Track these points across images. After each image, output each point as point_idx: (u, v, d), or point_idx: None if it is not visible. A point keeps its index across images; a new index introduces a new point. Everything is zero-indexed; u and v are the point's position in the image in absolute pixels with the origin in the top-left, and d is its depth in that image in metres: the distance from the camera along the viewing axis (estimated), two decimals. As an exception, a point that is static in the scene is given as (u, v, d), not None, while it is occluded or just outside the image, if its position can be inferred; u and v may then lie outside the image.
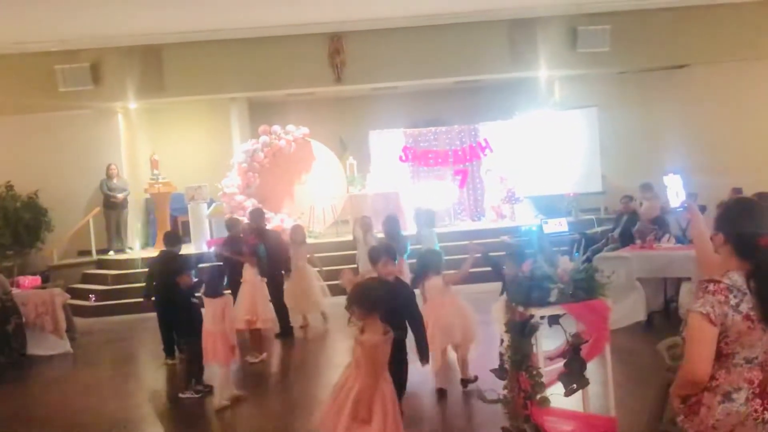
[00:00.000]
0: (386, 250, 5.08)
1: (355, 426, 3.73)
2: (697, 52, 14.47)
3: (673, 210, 10.41)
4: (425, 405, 6.19)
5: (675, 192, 5.29)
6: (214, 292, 6.59)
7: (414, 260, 7.27)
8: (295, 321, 9.57)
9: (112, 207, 13.85)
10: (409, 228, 11.77)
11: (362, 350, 3.72)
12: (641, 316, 8.23)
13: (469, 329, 6.13)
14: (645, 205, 11.03)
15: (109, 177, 13.93)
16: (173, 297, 7.46)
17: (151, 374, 8.17)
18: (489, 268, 6.55)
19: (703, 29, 14.27)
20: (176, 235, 8.90)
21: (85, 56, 13.92)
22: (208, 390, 6.96)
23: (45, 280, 11.07)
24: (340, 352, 8.11)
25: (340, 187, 14.80)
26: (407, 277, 7.13)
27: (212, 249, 11.00)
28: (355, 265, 10.72)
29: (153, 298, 8.32)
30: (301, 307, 9.69)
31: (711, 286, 2.78)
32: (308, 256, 10.10)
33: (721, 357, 2.81)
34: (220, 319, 6.50)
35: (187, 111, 15.87)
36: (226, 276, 7.04)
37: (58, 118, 14.20)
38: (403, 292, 5.02)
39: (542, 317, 3.78)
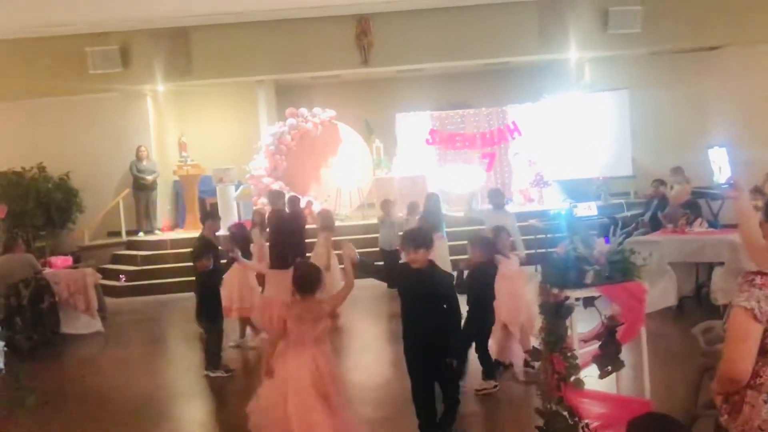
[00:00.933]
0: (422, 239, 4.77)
1: None
2: (730, 33, 14.14)
3: (718, 187, 10.24)
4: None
5: (719, 167, 5.12)
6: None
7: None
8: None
9: (141, 189, 13.99)
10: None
11: None
12: (672, 301, 8.13)
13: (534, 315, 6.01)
14: (676, 188, 10.89)
15: (139, 159, 14.06)
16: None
17: (180, 353, 8.26)
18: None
19: (736, 10, 13.91)
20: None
21: (115, 39, 14.01)
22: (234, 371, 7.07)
23: (76, 260, 11.23)
24: (364, 335, 8.13)
25: (366, 170, 14.78)
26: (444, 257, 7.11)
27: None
28: (377, 248, 10.79)
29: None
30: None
31: (758, 279, 2.59)
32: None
33: (766, 354, 2.63)
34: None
35: (215, 94, 15.93)
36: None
37: (89, 101, 14.34)
38: (445, 281, 4.86)
39: (577, 299, 3.74)
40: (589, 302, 3.79)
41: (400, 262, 4.88)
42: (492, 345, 6.13)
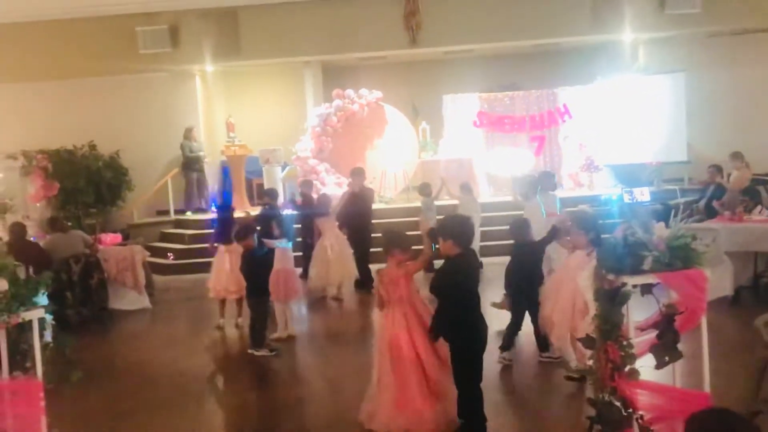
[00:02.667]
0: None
1: None
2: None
3: None
4: (512, 373, 6.15)
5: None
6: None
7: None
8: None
9: (193, 168, 14.13)
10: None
11: None
12: (728, 291, 7.85)
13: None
14: (734, 174, 10.54)
15: (190, 139, 14.20)
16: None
17: (226, 331, 8.31)
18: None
19: (800, -11, 13.35)
20: None
21: (164, 18, 14.14)
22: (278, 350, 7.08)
23: (125, 237, 11.39)
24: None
25: (412, 152, 14.64)
26: None
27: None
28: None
29: None
30: (332, 278, 9.59)
31: None
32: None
33: None
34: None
35: (262, 74, 15.97)
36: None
37: (139, 80, 14.53)
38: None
39: (634, 286, 3.58)
40: (646, 289, 3.62)
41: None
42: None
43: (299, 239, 10.24)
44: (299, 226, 10.30)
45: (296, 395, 5.96)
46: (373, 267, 8.89)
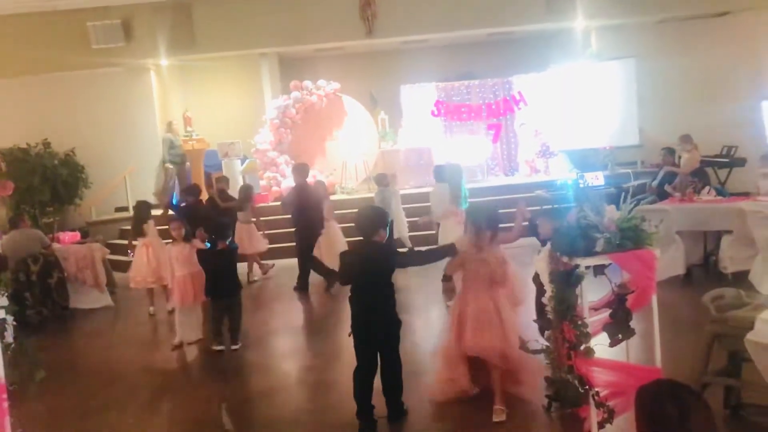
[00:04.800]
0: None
1: None
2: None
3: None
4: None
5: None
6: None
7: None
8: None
9: (178, 162, 14.20)
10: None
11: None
12: (680, 270, 8.11)
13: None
14: (685, 156, 10.83)
15: (173, 132, 14.21)
16: None
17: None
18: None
19: (745, -25, 13.74)
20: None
21: (117, 13, 13.93)
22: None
23: (84, 235, 11.27)
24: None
25: (371, 142, 14.72)
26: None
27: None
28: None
29: None
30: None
31: None
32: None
33: None
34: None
35: (219, 68, 15.82)
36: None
37: (92, 76, 14.29)
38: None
39: (587, 267, 3.72)
40: (599, 270, 3.77)
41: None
42: None
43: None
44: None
45: (264, 386, 6.02)
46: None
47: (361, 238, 4.91)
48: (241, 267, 8.52)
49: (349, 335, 4.87)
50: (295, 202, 9.60)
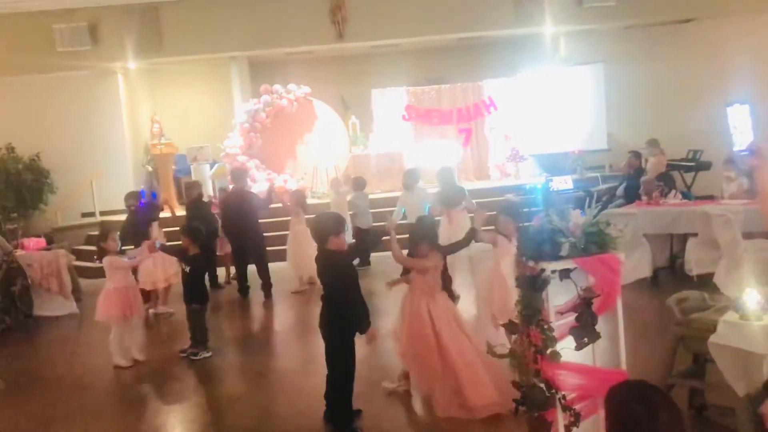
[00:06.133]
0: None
1: None
2: (703, 6, 14.21)
3: (736, 154, 10.25)
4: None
5: (736, 128, 5.02)
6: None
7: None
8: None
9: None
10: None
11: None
12: (647, 273, 8.20)
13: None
14: (651, 160, 10.97)
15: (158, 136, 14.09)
16: None
17: (155, 333, 8.20)
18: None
19: (709, -17, 13.98)
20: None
21: (83, 15, 13.75)
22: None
23: (49, 241, 11.07)
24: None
25: (342, 146, 14.69)
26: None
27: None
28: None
29: None
30: (301, 271, 9.73)
31: None
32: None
33: None
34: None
35: (188, 71, 15.72)
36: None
37: (58, 79, 14.08)
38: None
39: (553, 271, 3.73)
40: (564, 274, 3.77)
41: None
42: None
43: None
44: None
45: (235, 392, 5.97)
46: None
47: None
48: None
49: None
50: (223, 207, 9.84)
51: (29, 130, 13.74)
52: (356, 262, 6.95)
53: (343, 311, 4.79)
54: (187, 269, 6.95)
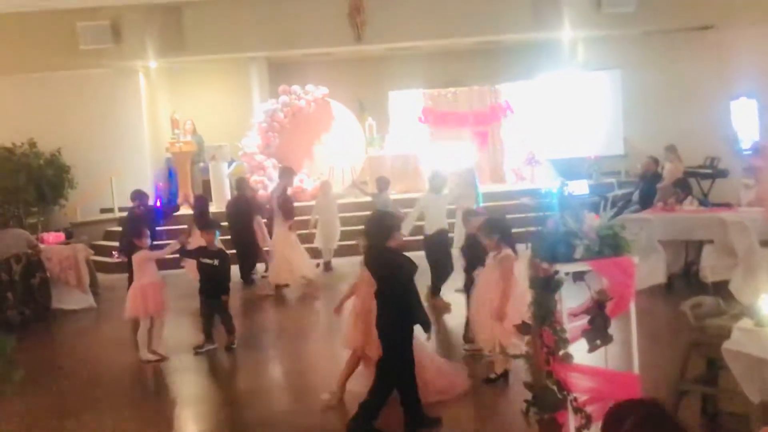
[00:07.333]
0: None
1: None
2: (723, 14, 14.06)
3: (739, 152, 10.16)
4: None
5: (739, 124, 4.95)
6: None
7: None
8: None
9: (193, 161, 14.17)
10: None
11: None
12: (661, 279, 8.17)
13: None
14: (668, 167, 10.94)
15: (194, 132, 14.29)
16: None
17: (174, 329, 8.28)
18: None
19: (729, -10, 13.88)
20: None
21: (106, 14, 13.88)
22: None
23: (68, 236, 11.20)
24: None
25: (359, 148, 14.74)
26: None
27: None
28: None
29: None
30: (283, 275, 9.86)
31: None
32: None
33: None
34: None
35: (208, 70, 15.83)
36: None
37: (80, 77, 14.22)
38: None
39: (567, 273, 3.75)
40: (578, 276, 3.80)
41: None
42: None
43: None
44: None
45: (249, 387, 6.03)
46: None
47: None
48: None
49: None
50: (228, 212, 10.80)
51: (51, 126, 13.89)
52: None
53: (404, 309, 4.79)
54: (215, 263, 7.06)
